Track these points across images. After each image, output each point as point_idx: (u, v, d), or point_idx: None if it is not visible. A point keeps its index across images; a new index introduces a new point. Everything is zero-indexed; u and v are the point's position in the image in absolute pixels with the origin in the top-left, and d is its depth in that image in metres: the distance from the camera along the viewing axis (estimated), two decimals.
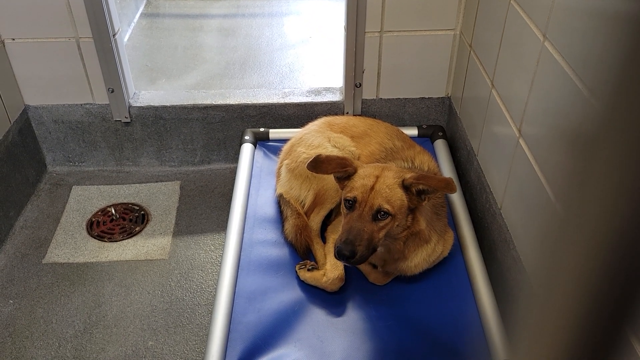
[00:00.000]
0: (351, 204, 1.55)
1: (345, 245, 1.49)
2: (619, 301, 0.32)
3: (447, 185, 1.54)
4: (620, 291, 0.32)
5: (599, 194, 0.31)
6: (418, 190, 1.55)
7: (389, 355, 1.58)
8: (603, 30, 1.22)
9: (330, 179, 1.86)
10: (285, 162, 2.03)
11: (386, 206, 1.51)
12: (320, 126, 2.09)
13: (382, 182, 1.53)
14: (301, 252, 1.86)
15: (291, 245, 1.89)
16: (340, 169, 1.60)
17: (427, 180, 1.53)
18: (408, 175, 1.54)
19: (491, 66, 1.93)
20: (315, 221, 1.90)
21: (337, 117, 2.21)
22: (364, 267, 1.78)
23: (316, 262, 1.81)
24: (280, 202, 2.01)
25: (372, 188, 1.53)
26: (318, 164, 1.62)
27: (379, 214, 1.52)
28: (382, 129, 2.05)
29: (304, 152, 1.96)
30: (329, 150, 1.93)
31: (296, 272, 1.81)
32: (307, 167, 1.63)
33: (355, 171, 1.59)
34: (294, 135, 2.12)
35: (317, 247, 1.86)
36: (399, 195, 1.53)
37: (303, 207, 1.95)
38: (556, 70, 1.42)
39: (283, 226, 1.95)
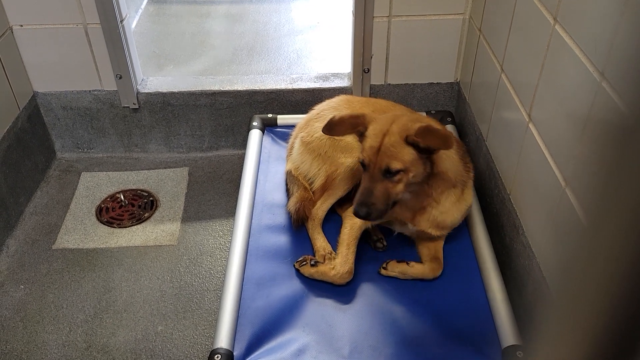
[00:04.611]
0: (363, 165, 1.58)
1: (360, 207, 1.56)
2: None
3: (444, 142, 1.52)
4: None
5: (624, 201, 0.31)
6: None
7: (397, 340, 1.59)
8: (614, 13, 1.20)
9: (344, 164, 1.85)
10: (301, 134, 2.00)
11: (394, 164, 1.53)
12: (339, 103, 2.05)
13: (387, 142, 1.54)
14: (294, 223, 1.88)
15: (289, 215, 1.90)
16: (353, 129, 1.63)
17: (426, 137, 1.52)
18: (412, 131, 1.53)
19: (501, 50, 1.92)
20: (322, 209, 1.87)
21: (356, 96, 2.21)
22: (417, 269, 1.75)
23: (314, 254, 1.80)
24: (287, 180, 2.00)
25: (379, 149, 1.54)
26: (332, 127, 1.65)
27: (389, 172, 1.54)
28: (402, 107, 2.04)
29: (320, 128, 1.94)
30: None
31: (296, 269, 1.77)
32: (322, 130, 1.67)
33: (366, 129, 1.60)
34: (311, 112, 2.09)
35: (318, 237, 1.83)
36: (407, 151, 1.53)
37: (311, 185, 1.92)
38: (567, 54, 1.41)
39: (288, 202, 1.95)
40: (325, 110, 2.02)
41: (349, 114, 1.65)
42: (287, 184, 2.02)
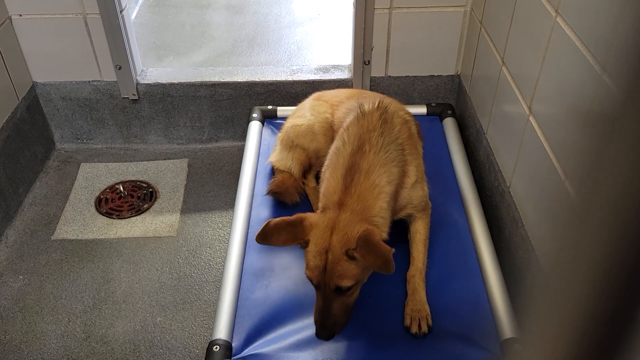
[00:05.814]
0: (312, 283, 1.48)
1: (322, 330, 1.46)
2: (631, 286, 0.32)
3: (384, 266, 1.36)
4: (633, 276, 0.31)
5: (613, 176, 0.31)
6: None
7: (397, 332, 1.59)
8: (616, 5, 1.20)
9: (315, 144, 1.91)
10: (278, 134, 2.09)
11: (345, 283, 1.41)
12: (311, 100, 2.09)
13: (331, 260, 1.40)
14: (269, 191, 1.97)
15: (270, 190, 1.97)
16: (293, 240, 1.46)
17: (365, 256, 1.38)
18: (352, 242, 1.40)
19: (502, 43, 1.91)
20: (310, 175, 1.99)
21: (327, 91, 2.17)
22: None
23: (313, 210, 1.83)
24: (274, 170, 2.06)
25: (325, 268, 1.41)
26: (267, 235, 1.46)
27: (341, 290, 1.44)
28: (356, 94, 1.99)
29: (289, 122, 2.02)
30: (307, 117, 1.95)
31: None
32: (256, 239, 1.47)
33: (307, 242, 1.45)
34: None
35: (311, 192, 1.96)
36: (354, 265, 1.41)
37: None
38: (568, 46, 1.40)
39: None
40: (298, 108, 2.09)
41: (286, 221, 1.46)
42: (273, 173, 2.05)
